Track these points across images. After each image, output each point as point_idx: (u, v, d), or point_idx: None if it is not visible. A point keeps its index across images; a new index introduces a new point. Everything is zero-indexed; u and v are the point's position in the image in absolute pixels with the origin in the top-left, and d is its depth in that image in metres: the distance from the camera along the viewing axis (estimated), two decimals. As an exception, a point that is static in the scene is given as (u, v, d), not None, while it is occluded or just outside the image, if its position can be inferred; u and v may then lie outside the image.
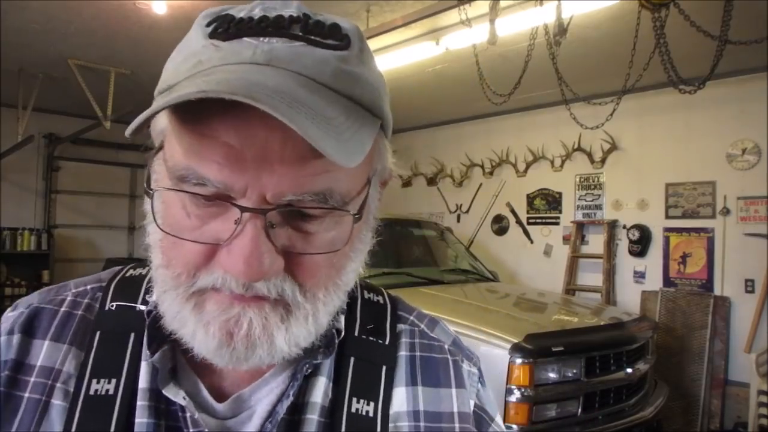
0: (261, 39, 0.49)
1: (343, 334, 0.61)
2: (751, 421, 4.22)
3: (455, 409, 0.64)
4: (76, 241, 7.53)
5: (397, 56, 4.64)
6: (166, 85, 0.51)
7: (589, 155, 5.93)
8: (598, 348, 3.33)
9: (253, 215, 0.47)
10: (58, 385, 0.57)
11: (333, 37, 0.51)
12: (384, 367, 0.63)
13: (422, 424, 0.61)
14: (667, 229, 5.41)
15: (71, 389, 0.56)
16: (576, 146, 5.98)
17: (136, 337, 0.58)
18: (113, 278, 0.64)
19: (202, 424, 0.55)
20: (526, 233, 6.48)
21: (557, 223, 6.26)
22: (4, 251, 6.56)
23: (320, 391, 0.59)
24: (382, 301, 0.69)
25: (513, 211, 6.57)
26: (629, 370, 3.48)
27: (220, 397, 0.58)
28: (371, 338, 0.64)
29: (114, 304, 0.61)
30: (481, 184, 6.77)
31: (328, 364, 0.60)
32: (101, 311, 0.61)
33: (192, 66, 0.49)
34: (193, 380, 0.58)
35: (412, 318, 0.69)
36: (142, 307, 0.60)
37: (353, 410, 0.59)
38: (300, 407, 0.58)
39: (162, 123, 0.52)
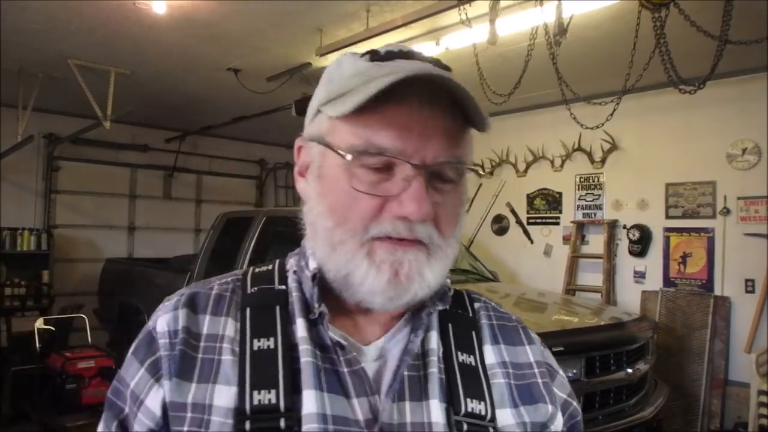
0: (409, 60, 0.72)
1: (452, 290, 0.80)
2: (752, 421, 4.22)
3: (531, 359, 0.83)
4: (76, 241, 7.53)
5: (397, 56, 4.63)
6: (337, 94, 0.69)
7: (589, 155, 5.93)
8: (598, 348, 3.33)
9: (417, 173, 0.66)
10: (224, 345, 0.72)
11: (443, 66, 0.74)
12: (473, 332, 0.81)
13: (510, 371, 0.80)
14: (668, 229, 5.41)
15: (236, 348, 0.71)
16: (576, 146, 5.98)
17: (280, 308, 0.75)
18: (246, 273, 0.81)
19: (356, 363, 0.71)
20: (526, 233, 6.48)
21: (557, 223, 6.26)
22: (4, 251, 6.55)
23: (434, 341, 0.76)
24: (459, 290, 0.87)
25: (513, 211, 6.57)
26: (629, 370, 3.48)
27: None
28: (459, 311, 0.83)
29: (255, 288, 0.78)
30: (481, 184, 6.77)
31: (436, 324, 0.78)
32: (245, 294, 0.77)
33: (364, 78, 0.68)
34: (339, 333, 0.73)
35: (483, 299, 0.89)
36: (282, 287, 0.77)
37: (460, 360, 0.76)
38: (423, 354, 0.75)
39: (324, 125, 0.72)
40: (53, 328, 4.93)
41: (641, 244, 5.52)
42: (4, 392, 4.93)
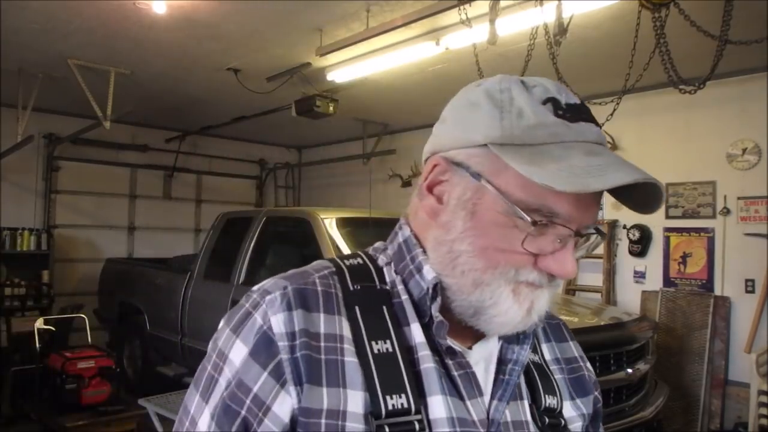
0: (587, 123, 0.71)
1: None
2: (752, 421, 4.22)
3: (576, 353, 0.91)
4: (76, 241, 7.53)
5: (397, 56, 4.64)
6: (521, 142, 0.69)
7: (589, 155, 5.92)
8: (598, 348, 3.33)
9: (570, 237, 0.70)
10: (345, 346, 0.71)
11: (592, 118, 0.74)
12: (533, 333, 0.83)
13: (564, 366, 0.88)
14: (668, 229, 5.41)
15: (355, 349, 0.71)
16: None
17: (387, 308, 0.75)
18: (339, 267, 0.80)
19: (467, 366, 0.75)
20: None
21: (557, 223, 6.25)
22: (4, 251, 6.55)
23: (516, 346, 0.80)
24: None
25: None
26: (629, 370, 3.48)
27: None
28: None
29: (357, 285, 0.77)
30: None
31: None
32: (347, 290, 0.76)
33: (550, 134, 0.69)
34: (450, 339, 0.76)
35: None
36: (384, 286, 0.78)
37: (533, 359, 0.83)
38: (506, 360, 0.79)
39: (487, 163, 0.70)
40: (53, 328, 4.93)
41: (641, 244, 5.52)
42: (4, 392, 4.93)
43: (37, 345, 4.59)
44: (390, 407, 0.68)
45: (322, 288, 0.75)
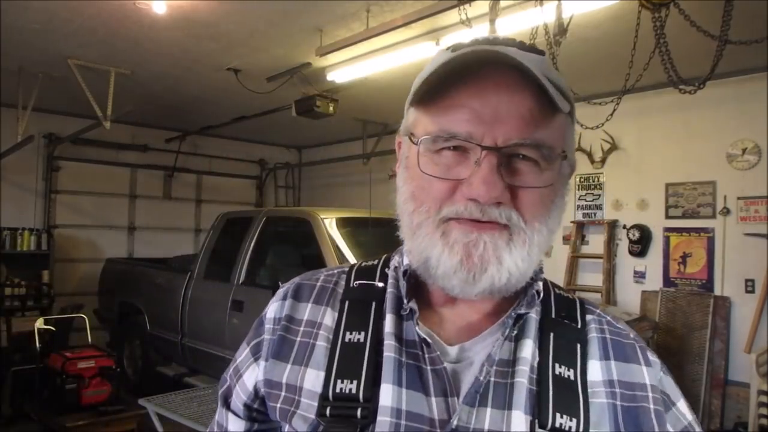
0: (478, 46, 0.68)
1: (542, 294, 0.76)
2: (752, 421, 4.22)
3: (647, 381, 0.75)
4: (76, 241, 7.53)
5: (397, 56, 4.63)
6: (416, 86, 0.70)
7: (590, 155, 5.92)
8: (598, 348, 3.32)
9: (489, 155, 0.66)
10: (321, 332, 0.78)
11: (533, 51, 0.70)
12: (578, 344, 0.75)
13: (617, 390, 0.73)
14: (668, 229, 5.41)
15: (331, 336, 0.77)
16: (576, 146, 5.97)
17: (376, 304, 0.78)
18: (353, 266, 0.86)
19: (438, 362, 0.71)
20: (526, 233, 6.47)
21: (557, 223, 6.25)
22: (4, 251, 6.55)
23: (529, 350, 0.72)
24: (571, 297, 0.83)
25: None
26: (629, 370, 3.47)
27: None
28: (566, 321, 0.77)
29: (357, 282, 0.82)
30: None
31: (533, 331, 0.74)
32: (347, 287, 0.82)
33: (433, 66, 0.67)
34: (426, 330, 0.73)
35: (598, 311, 0.82)
36: (381, 284, 0.80)
37: (557, 372, 0.71)
38: (513, 362, 0.72)
39: (410, 117, 0.75)
40: (53, 328, 4.93)
41: (641, 244, 5.52)
42: (4, 392, 4.93)
43: (37, 345, 4.59)
44: (338, 390, 0.71)
45: (321, 283, 0.84)
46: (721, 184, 5.09)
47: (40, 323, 4.68)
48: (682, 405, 0.78)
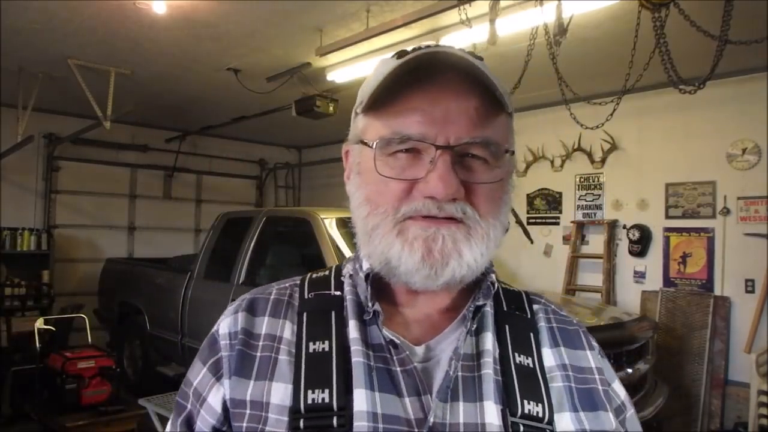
0: (422, 51, 0.70)
1: (497, 286, 0.79)
2: (752, 421, 4.22)
3: (592, 364, 0.81)
4: (76, 241, 7.53)
5: (397, 56, 4.63)
6: (368, 93, 0.72)
7: (589, 155, 5.92)
8: (598, 348, 3.32)
9: (443, 153, 0.68)
10: (282, 346, 0.75)
11: (473, 56, 0.72)
12: (531, 333, 0.80)
13: (570, 374, 0.79)
14: (668, 229, 5.41)
15: (293, 350, 0.74)
16: (576, 146, 5.98)
17: (336, 313, 0.77)
18: (304, 279, 0.85)
19: (408, 362, 0.72)
20: (526, 233, 6.46)
21: (557, 223, 6.26)
22: (4, 251, 6.55)
23: (490, 342, 0.75)
24: (517, 290, 0.87)
25: (513, 211, 6.53)
26: (629, 370, 3.48)
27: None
28: (517, 312, 0.82)
29: (312, 293, 0.81)
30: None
31: (491, 324, 0.77)
32: (303, 299, 0.81)
33: (378, 74, 0.70)
34: (392, 333, 0.74)
35: (543, 300, 0.87)
36: (338, 293, 0.80)
37: (517, 361, 0.75)
38: (477, 355, 0.75)
39: (360, 123, 0.77)
40: (53, 328, 4.93)
41: (641, 244, 5.52)
42: (4, 392, 4.93)
43: (37, 345, 4.59)
44: (310, 401, 0.69)
45: (275, 297, 0.82)
46: (721, 184, 5.09)
47: (40, 323, 4.68)
48: (616, 385, 0.84)
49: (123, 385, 4.95)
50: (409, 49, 0.73)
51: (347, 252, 4.29)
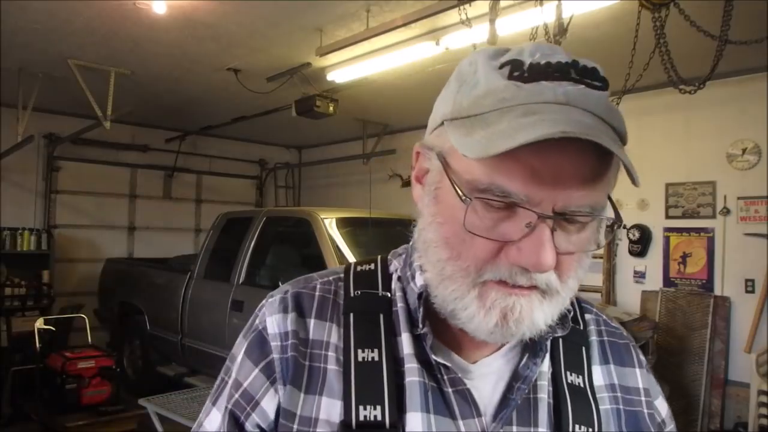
0: (554, 83, 0.61)
1: (572, 312, 0.74)
2: (752, 421, 4.23)
3: (640, 385, 0.78)
4: (76, 241, 7.53)
5: (397, 56, 4.64)
6: (466, 113, 0.62)
7: (589, 155, 5.92)
8: (598, 348, 3.32)
9: (542, 220, 0.58)
10: (330, 353, 0.70)
11: (597, 79, 0.64)
12: (583, 348, 0.75)
13: (619, 395, 0.75)
14: (667, 229, 5.41)
15: (341, 357, 0.69)
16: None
17: (384, 317, 0.71)
18: (348, 272, 0.79)
19: (460, 383, 0.68)
20: (526, 233, 6.47)
21: (557, 223, 6.25)
22: (4, 251, 6.55)
23: (546, 362, 0.71)
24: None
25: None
26: (629, 370, 3.48)
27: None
28: (571, 324, 0.75)
29: (358, 291, 0.75)
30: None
31: (547, 342, 0.72)
32: (348, 296, 0.74)
33: (497, 101, 0.60)
34: (444, 351, 0.71)
35: (595, 309, 0.82)
36: (386, 294, 0.74)
37: (569, 381, 0.71)
38: (519, 377, 0.70)
39: (446, 143, 0.64)
40: (53, 328, 4.93)
41: (641, 244, 5.52)
42: (4, 392, 4.93)
43: (37, 345, 4.59)
44: (362, 418, 0.65)
45: (320, 293, 0.75)
46: (721, 184, 5.09)
47: (40, 323, 4.69)
48: (659, 401, 0.81)
49: (123, 385, 4.95)
50: (525, 63, 0.62)
51: (347, 252, 4.29)
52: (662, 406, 0.80)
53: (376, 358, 0.68)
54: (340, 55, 4.79)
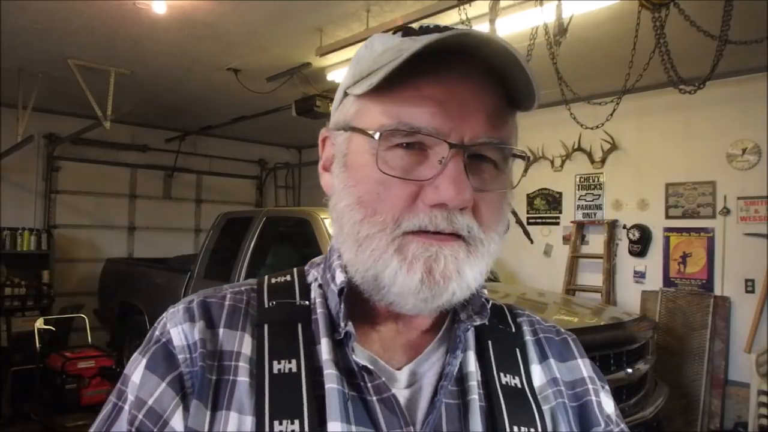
0: (442, 32, 0.59)
1: (491, 302, 0.71)
2: (752, 421, 4.23)
3: (585, 374, 0.75)
4: (76, 241, 7.53)
5: (397, 56, 4.63)
6: (368, 72, 0.61)
7: (589, 155, 5.93)
8: (599, 348, 3.33)
9: (456, 153, 0.59)
10: (241, 365, 0.64)
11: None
12: (517, 349, 0.73)
13: (563, 389, 0.72)
14: (667, 229, 5.42)
15: (254, 369, 0.63)
16: (576, 146, 5.98)
17: (303, 326, 0.67)
18: (262, 283, 0.74)
19: (385, 389, 0.63)
20: (526, 233, 6.44)
21: (557, 223, 6.26)
22: (4, 251, 6.56)
23: (473, 362, 0.68)
24: (498, 304, 0.79)
25: (513, 211, 6.53)
26: (629, 370, 3.48)
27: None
28: (500, 326, 0.74)
29: (273, 302, 0.70)
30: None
31: (472, 343, 0.70)
32: (262, 307, 0.69)
33: (395, 52, 0.59)
34: (369, 356, 0.66)
35: (526, 312, 0.80)
36: (304, 302, 0.70)
37: (503, 382, 0.68)
38: (460, 378, 0.67)
39: (350, 109, 0.65)
40: (53, 328, 4.94)
41: (641, 244, 5.53)
42: (4, 392, 4.94)
43: (37, 345, 4.60)
44: None
45: (231, 302, 0.70)
46: (721, 184, 5.10)
47: (40, 323, 4.69)
48: (605, 396, 0.76)
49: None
50: (415, 26, 0.65)
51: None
52: (608, 402, 0.76)
53: (294, 369, 0.63)
54: (340, 55, 4.79)
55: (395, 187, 0.60)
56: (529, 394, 0.68)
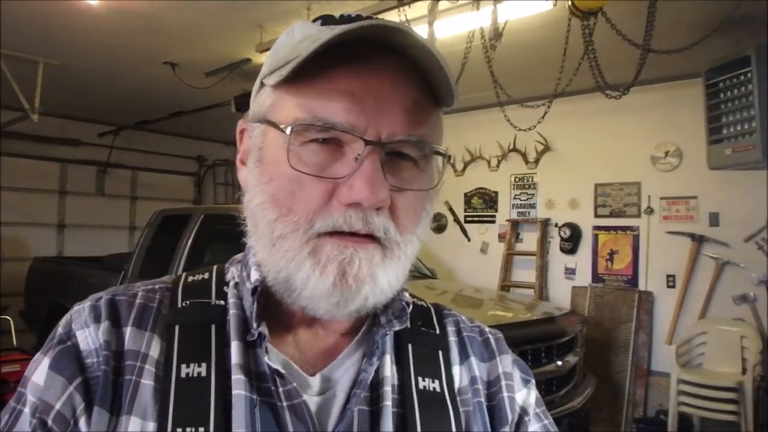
0: (360, 21, 0.56)
1: (411, 306, 0.68)
2: (671, 408, 4.46)
3: (500, 371, 0.73)
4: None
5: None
6: (284, 62, 0.58)
7: (524, 156, 6.10)
8: (531, 342, 3.44)
9: (372, 151, 0.56)
10: (147, 367, 0.60)
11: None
12: (440, 351, 0.70)
13: (479, 387, 0.70)
14: (596, 228, 5.64)
15: (160, 373, 0.60)
16: (511, 147, 6.15)
17: (217, 327, 0.64)
18: (177, 281, 0.71)
19: (296, 396, 0.60)
20: (464, 231, 6.61)
21: (493, 222, 6.42)
22: None
23: (389, 368, 0.65)
24: (426, 305, 0.78)
25: (451, 210, 6.69)
26: (559, 363, 3.61)
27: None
28: (423, 328, 0.72)
29: (187, 302, 0.66)
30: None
31: (390, 348, 0.67)
32: (174, 308, 0.66)
33: (312, 41, 0.56)
34: (280, 359, 0.63)
35: (453, 312, 0.78)
36: (220, 302, 0.66)
37: (420, 387, 0.65)
38: (375, 384, 0.64)
39: (266, 98, 0.62)
40: (-25, 330, 4.69)
41: (572, 241, 5.74)
42: None
43: (-42, 348, 4.36)
44: None
45: (141, 300, 0.66)
46: (645, 184, 5.35)
47: (-40, 325, 4.45)
48: (525, 391, 0.75)
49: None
50: (336, 15, 0.62)
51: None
52: (527, 396, 0.74)
53: (204, 374, 0.60)
54: (281, 52, 4.76)
55: (309, 185, 0.57)
56: (447, 398, 0.66)
